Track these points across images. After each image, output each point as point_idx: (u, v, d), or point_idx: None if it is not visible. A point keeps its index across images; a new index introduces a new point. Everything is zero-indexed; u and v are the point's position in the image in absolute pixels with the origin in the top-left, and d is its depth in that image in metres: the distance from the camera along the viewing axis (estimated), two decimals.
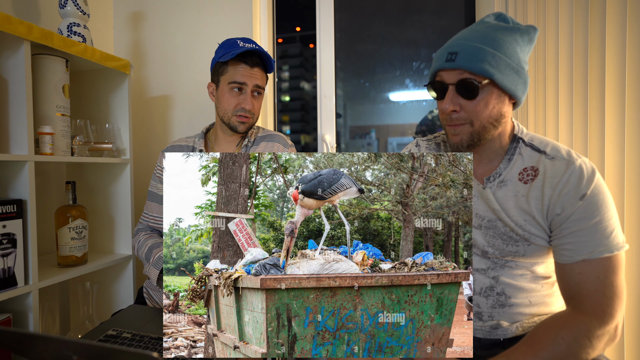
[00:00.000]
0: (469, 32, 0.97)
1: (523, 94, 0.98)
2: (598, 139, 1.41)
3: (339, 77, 2.06)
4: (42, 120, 1.42)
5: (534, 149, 1.02)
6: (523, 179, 1.00)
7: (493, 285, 1.03)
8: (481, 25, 0.98)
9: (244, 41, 1.37)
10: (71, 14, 1.59)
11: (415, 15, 2.03)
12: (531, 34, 0.97)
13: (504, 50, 0.92)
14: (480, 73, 0.91)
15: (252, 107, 1.37)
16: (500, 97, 0.95)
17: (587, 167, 0.96)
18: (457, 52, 0.93)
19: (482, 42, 0.92)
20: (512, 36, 0.94)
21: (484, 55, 0.91)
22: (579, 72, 1.43)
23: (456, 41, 0.96)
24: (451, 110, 0.96)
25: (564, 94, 1.44)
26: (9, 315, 1.29)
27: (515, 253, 1.01)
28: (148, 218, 1.50)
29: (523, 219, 0.99)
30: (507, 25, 0.96)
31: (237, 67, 1.35)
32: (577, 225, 0.93)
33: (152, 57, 2.06)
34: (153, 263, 1.33)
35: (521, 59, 0.95)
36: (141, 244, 1.42)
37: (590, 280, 0.92)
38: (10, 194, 1.31)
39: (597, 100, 1.41)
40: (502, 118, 0.98)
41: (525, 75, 0.96)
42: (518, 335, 1.01)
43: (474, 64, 0.91)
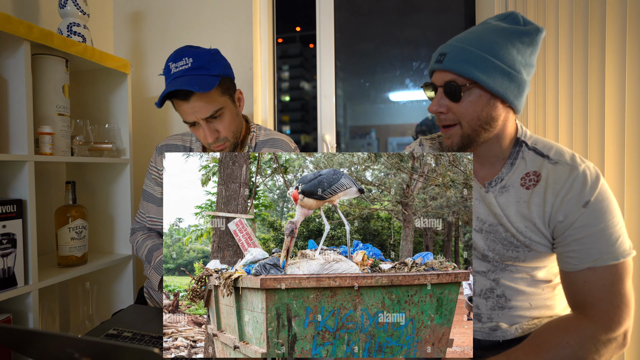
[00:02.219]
0: (466, 33, 0.96)
1: (517, 98, 0.93)
2: (598, 140, 1.41)
3: (339, 77, 2.06)
4: (42, 120, 1.42)
5: (537, 153, 0.99)
6: (525, 185, 0.98)
7: (493, 288, 1.02)
8: (481, 26, 0.96)
9: (175, 59, 1.19)
10: (71, 13, 1.59)
11: (415, 15, 2.03)
12: (532, 36, 0.92)
13: (495, 52, 0.89)
14: (465, 75, 0.90)
15: (218, 134, 1.22)
16: (490, 101, 0.92)
17: (591, 173, 0.93)
18: (446, 53, 0.92)
19: (473, 43, 0.91)
20: (508, 38, 0.91)
21: (471, 58, 0.89)
22: (579, 73, 1.43)
23: (449, 42, 0.95)
24: (436, 112, 0.95)
25: (564, 94, 1.44)
26: (8, 315, 1.29)
27: (515, 258, 0.99)
28: (144, 218, 1.45)
29: (524, 225, 0.97)
30: (507, 26, 0.93)
31: (178, 105, 1.20)
32: (581, 232, 0.91)
33: (152, 57, 2.06)
34: (154, 267, 1.31)
35: (517, 61, 0.91)
36: (140, 244, 1.40)
37: (596, 288, 0.90)
38: (10, 194, 1.31)
39: (597, 100, 1.40)
40: (494, 121, 0.94)
41: (520, 79, 0.92)
42: (518, 337, 1.01)
43: (459, 65, 0.90)
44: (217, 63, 1.20)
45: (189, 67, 1.16)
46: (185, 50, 1.21)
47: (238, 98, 1.31)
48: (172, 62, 1.19)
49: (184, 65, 1.17)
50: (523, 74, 0.92)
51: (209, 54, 1.20)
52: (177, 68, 1.17)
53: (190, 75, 1.15)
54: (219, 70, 1.20)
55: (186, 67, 1.16)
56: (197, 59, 1.17)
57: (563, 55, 1.44)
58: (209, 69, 1.17)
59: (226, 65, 1.24)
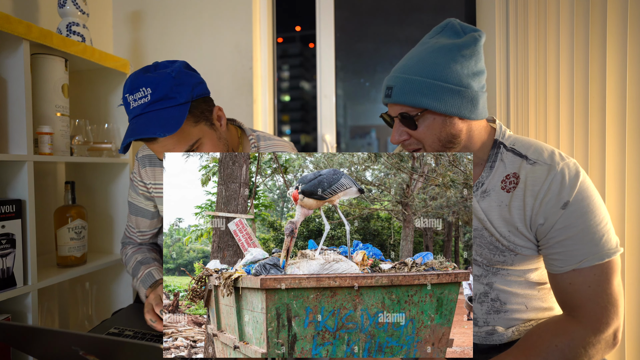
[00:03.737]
0: (406, 59, 0.95)
1: (472, 112, 0.92)
2: (599, 140, 1.40)
3: (339, 76, 2.06)
4: (41, 120, 1.42)
5: (515, 154, 0.97)
6: (506, 187, 0.96)
7: (487, 292, 1.01)
8: (420, 47, 0.95)
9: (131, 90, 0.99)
10: (70, 13, 1.59)
11: (415, 14, 2.03)
12: (472, 47, 0.91)
13: (439, 75, 0.89)
14: (414, 105, 0.90)
15: None
16: (446, 121, 0.92)
17: (570, 171, 0.90)
18: (393, 86, 0.93)
19: (415, 71, 0.90)
20: (449, 56, 0.89)
21: (416, 87, 0.89)
22: (579, 73, 1.42)
23: (393, 73, 0.95)
24: (398, 142, 0.96)
25: (565, 95, 1.44)
26: (8, 315, 1.28)
27: (503, 262, 0.98)
28: (134, 233, 1.38)
29: (507, 229, 0.95)
30: (446, 43, 0.91)
31: (147, 144, 1.04)
32: (562, 234, 0.90)
33: (152, 57, 2.06)
34: (141, 279, 1.26)
35: (463, 76, 0.90)
36: (129, 257, 1.35)
37: (583, 289, 0.89)
38: (9, 194, 1.31)
39: (598, 101, 1.40)
40: (456, 138, 0.94)
41: (470, 93, 0.90)
42: (514, 339, 1.00)
43: (408, 97, 0.90)
44: (182, 87, 0.99)
45: (149, 101, 0.96)
46: (141, 78, 0.99)
47: (218, 117, 1.10)
48: (128, 93, 0.99)
49: (142, 98, 0.97)
50: (473, 86, 0.91)
51: (169, 78, 0.98)
52: (136, 102, 0.98)
53: (151, 112, 0.97)
54: (186, 96, 0.99)
55: (145, 101, 0.97)
56: (157, 88, 0.97)
57: (564, 55, 1.44)
58: (173, 97, 0.98)
59: (195, 84, 1.02)
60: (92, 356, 0.65)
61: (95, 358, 0.65)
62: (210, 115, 1.08)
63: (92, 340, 0.64)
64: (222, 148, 1.11)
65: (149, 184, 1.29)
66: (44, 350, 0.72)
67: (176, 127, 0.95)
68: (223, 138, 1.12)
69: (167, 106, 0.97)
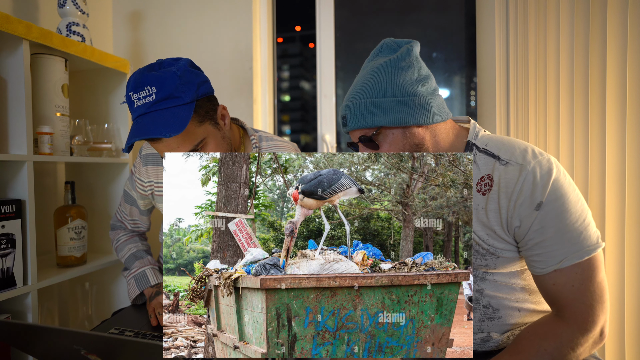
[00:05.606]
0: (353, 86, 0.99)
1: (428, 117, 0.93)
2: (599, 140, 1.40)
3: (339, 76, 2.06)
4: (41, 120, 1.42)
5: (488, 155, 0.94)
6: (481, 190, 0.94)
7: (478, 299, 0.99)
8: (362, 72, 1.00)
9: (136, 88, 0.98)
10: (70, 13, 1.59)
11: (415, 14, 2.03)
12: (408, 58, 0.94)
13: (383, 91, 0.92)
14: (368, 126, 0.94)
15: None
16: (405, 133, 0.94)
17: (542, 170, 0.88)
18: (346, 115, 0.97)
19: (362, 95, 0.94)
20: (388, 72, 0.93)
21: (365, 109, 0.93)
22: (579, 73, 1.42)
23: (344, 102, 0.99)
24: None
25: (565, 94, 1.44)
26: (7, 315, 1.29)
27: (485, 266, 0.96)
28: (126, 218, 1.41)
29: (485, 233, 0.94)
30: (383, 61, 0.95)
31: (151, 144, 1.04)
32: (540, 236, 0.88)
33: (152, 56, 2.06)
34: (135, 276, 1.26)
35: (407, 86, 0.92)
36: (122, 245, 1.36)
37: (566, 289, 0.88)
38: (9, 194, 1.31)
39: (598, 101, 1.40)
40: (420, 146, 0.95)
41: (419, 100, 0.92)
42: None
43: (359, 121, 0.94)
44: (187, 86, 0.98)
45: (154, 100, 0.95)
46: (145, 76, 0.97)
47: (222, 116, 1.10)
48: (132, 91, 0.98)
49: (147, 97, 0.96)
50: (420, 92, 0.93)
51: (175, 77, 0.97)
52: (140, 100, 0.97)
53: (156, 111, 0.96)
54: (192, 95, 0.98)
55: (150, 100, 0.96)
56: (162, 87, 0.96)
57: (564, 55, 1.44)
58: (178, 96, 0.97)
59: (200, 82, 1.02)
60: (94, 355, 0.64)
61: (96, 357, 0.65)
62: (215, 115, 1.07)
63: (93, 339, 0.64)
64: (226, 147, 1.10)
65: (151, 183, 1.30)
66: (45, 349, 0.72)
67: (182, 127, 0.94)
68: (227, 137, 1.12)
69: (172, 105, 0.96)
